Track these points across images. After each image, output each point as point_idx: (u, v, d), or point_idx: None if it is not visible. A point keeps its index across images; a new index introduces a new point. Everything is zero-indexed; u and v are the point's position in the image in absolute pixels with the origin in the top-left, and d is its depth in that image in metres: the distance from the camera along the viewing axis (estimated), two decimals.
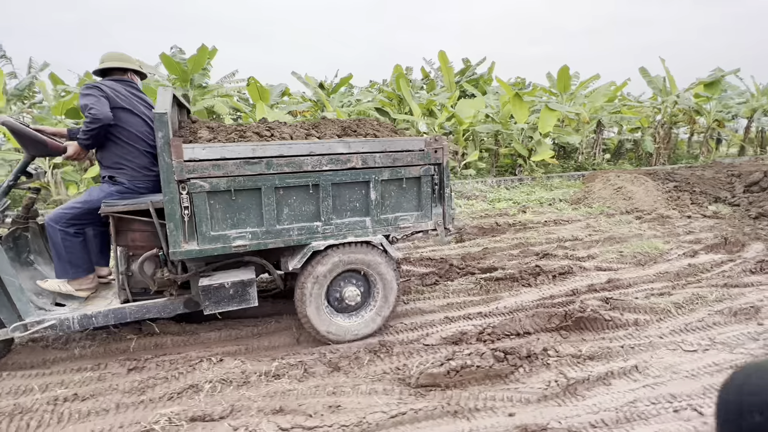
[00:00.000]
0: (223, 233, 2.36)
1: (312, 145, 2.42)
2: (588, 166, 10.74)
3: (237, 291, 2.41)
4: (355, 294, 2.67)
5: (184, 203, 2.25)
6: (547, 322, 2.63)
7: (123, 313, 2.45)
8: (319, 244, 2.50)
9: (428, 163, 2.65)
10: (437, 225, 2.75)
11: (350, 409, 1.90)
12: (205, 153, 2.24)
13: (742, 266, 3.57)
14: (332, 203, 2.51)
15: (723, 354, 2.29)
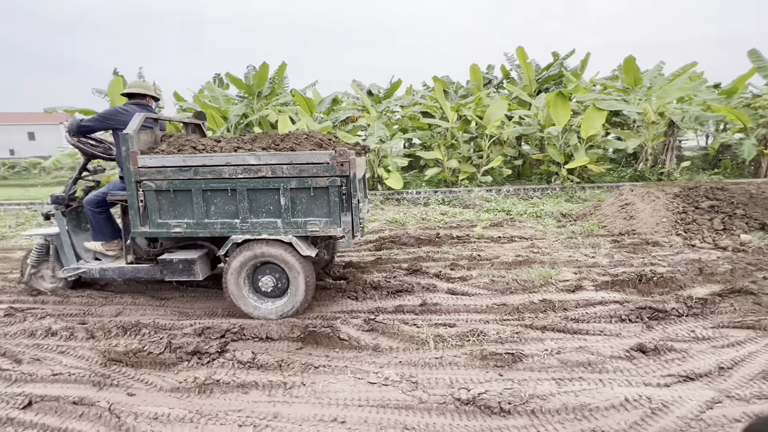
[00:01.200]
0: (165, 221, 3.09)
1: (228, 157, 2.95)
2: (650, 175, 9.01)
3: (185, 266, 3.12)
4: (269, 282, 3.13)
5: (140, 198, 3.03)
6: (290, 332, 2.77)
7: (123, 270, 3.43)
8: (237, 237, 3.05)
9: (334, 174, 2.90)
10: (345, 232, 3.00)
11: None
12: (151, 162, 2.98)
13: (615, 310, 2.99)
14: (248, 205, 3.00)
15: (393, 393, 2.17)
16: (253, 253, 3.05)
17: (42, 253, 3.75)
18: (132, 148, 2.95)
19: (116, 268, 3.43)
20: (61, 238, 3.57)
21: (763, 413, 1.90)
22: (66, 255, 3.56)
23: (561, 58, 16.21)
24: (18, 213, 9.03)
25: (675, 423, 1.85)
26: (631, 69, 9.83)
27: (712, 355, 2.44)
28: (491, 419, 1.95)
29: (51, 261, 3.70)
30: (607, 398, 2.04)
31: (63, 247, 3.58)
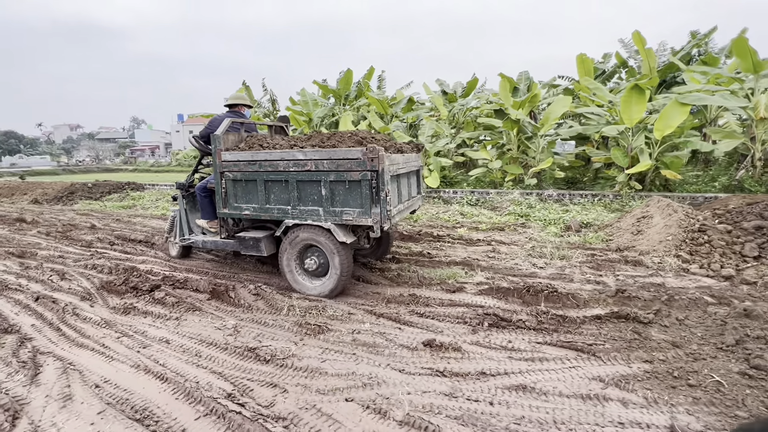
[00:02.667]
0: (239, 205, 3.75)
1: (283, 153, 3.48)
2: (753, 186, 7.16)
3: (253, 243, 3.75)
4: (312, 263, 3.61)
5: (223, 186, 3.77)
6: (206, 287, 3.73)
7: (217, 243, 4.15)
8: (289, 221, 3.57)
9: (366, 169, 3.17)
10: (375, 222, 3.26)
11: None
12: (230, 157, 3.70)
13: (465, 313, 3.13)
14: (297, 194, 3.48)
15: (216, 334, 2.90)
16: (301, 236, 3.56)
17: (172, 224, 4.89)
18: (219, 146, 3.71)
19: (212, 241, 4.20)
20: (180, 214, 4.61)
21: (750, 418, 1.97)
22: (183, 228, 4.56)
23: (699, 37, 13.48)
24: (162, 191, 12.39)
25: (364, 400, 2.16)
26: (745, 52, 7.85)
27: (491, 361, 2.48)
28: (255, 363, 2.55)
29: (174, 231, 4.76)
30: (340, 369, 2.43)
31: (181, 222, 4.59)
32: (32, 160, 45.49)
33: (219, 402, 2.11)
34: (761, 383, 2.16)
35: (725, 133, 7.78)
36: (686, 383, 2.22)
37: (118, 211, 9.36)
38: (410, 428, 1.91)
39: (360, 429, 1.92)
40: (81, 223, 7.47)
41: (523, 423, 1.92)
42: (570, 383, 2.25)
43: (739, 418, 1.94)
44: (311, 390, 2.24)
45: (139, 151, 60.90)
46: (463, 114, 12.75)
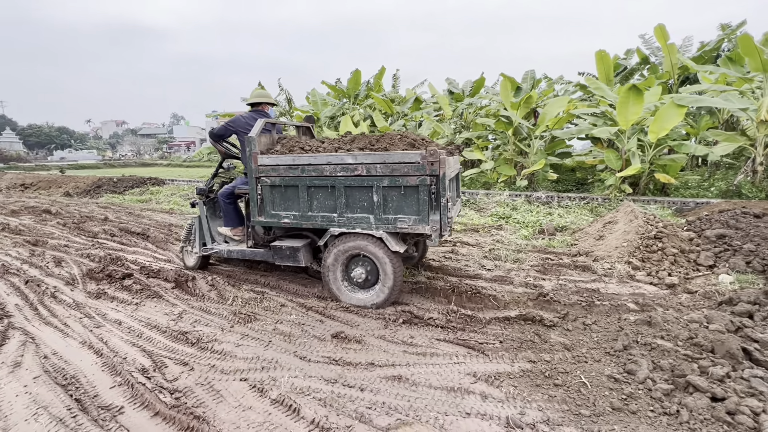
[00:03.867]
0: (277, 213, 3.52)
1: (329, 156, 3.26)
2: (751, 191, 6.86)
3: (290, 252, 3.54)
4: (360, 274, 3.41)
5: (258, 192, 3.51)
6: (173, 277, 4.14)
7: (244, 252, 3.97)
8: (335, 230, 3.36)
9: (424, 174, 3.00)
10: (433, 230, 3.09)
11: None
12: (268, 161, 3.44)
13: (386, 310, 3.36)
14: (345, 201, 3.27)
15: (162, 319, 3.28)
16: (348, 245, 3.35)
17: (189, 232, 4.55)
18: (254, 149, 3.45)
19: (239, 250, 4.00)
20: (200, 222, 4.33)
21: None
22: (205, 236, 4.30)
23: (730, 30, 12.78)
24: (180, 187, 13.22)
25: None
26: (752, 50, 7.46)
27: (385, 353, 2.71)
28: (182, 345, 2.90)
29: (191, 240, 4.47)
30: (249, 354, 2.75)
31: (201, 230, 4.32)
32: (80, 154, 49.07)
33: (133, 375, 2.47)
34: (622, 386, 2.27)
35: (725, 136, 7.46)
36: (553, 383, 2.36)
37: (135, 204, 10.16)
38: (279, 405, 2.19)
39: (238, 403, 2.22)
40: (97, 215, 8.22)
41: (375, 407, 2.15)
42: (444, 377, 2.45)
43: (581, 416, 2.08)
44: (216, 370, 2.56)
45: (176, 146, 64.12)
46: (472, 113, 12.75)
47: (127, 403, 2.23)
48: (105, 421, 2.09)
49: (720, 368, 2.24)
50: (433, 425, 2.02)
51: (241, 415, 2.13)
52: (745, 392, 2.08)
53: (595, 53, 12.05)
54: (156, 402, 2.21)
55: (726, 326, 2.69)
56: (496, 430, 1.98)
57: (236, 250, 4.05)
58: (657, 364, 2.40)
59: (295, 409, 2.14)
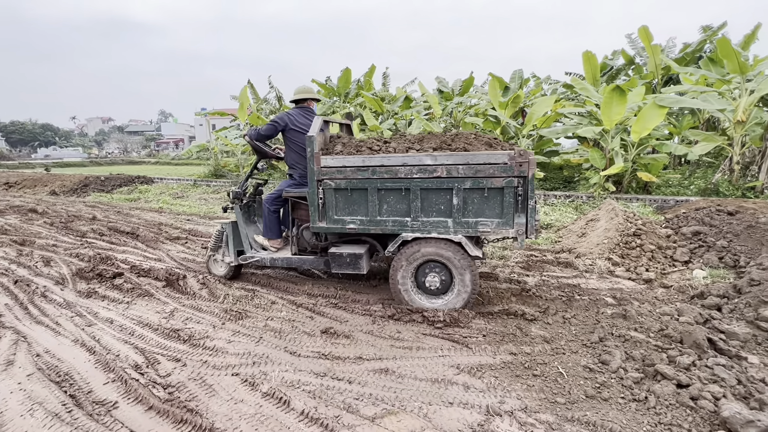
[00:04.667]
0: (341, 218, 3.30)
1: (405, 157, 3.08)
2: (729, 189, 7.10)
3: (351, 260, 3.33)
4: (435, 281, 3.24)
5: (320, 195, 3.27)
6: (163, 275, 4.18)
7: (291, 260, 3.78)
8: (407, 235, 3.17)
9: (512, 175, 2.90)
10: (518, 233, 2.99)
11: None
12: (333, 162, 3.21)
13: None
14: (420, 204, 3.11)
15: (154, 317, 3.33)
16: (422, 251, 3.19)
17: (218, 239, 4.19)
18: (316, 149, 3.25)
19: (284, 258, 3.78)
20: (238, 228, 4.03)
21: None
22: (243, 243, 4.00)
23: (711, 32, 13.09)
24: (168, 185, 13.13)
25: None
26: (730, 53, 7.71)
27: (373, 347, 2.81)
28: (174, 342, 2.97)
29: (223, 247, 4.14)
30: (240, 349, 2.83)
31: (237, 237, 4.02)
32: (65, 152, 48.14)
33: (126, 371, 2.53)
34: (596, 376, 2.40)
35: (704, 136, 7.70)
36: (532, 373, 2.49)
37: (123, 203, 10.09)
38: (269, 398, 2.27)
39: (230, 397, 2.30)
40: (85, 214, 8.16)
41: (363, 398, 2.25)
42: (429, 369, 2.56)
43: (557, 404, 2.21)
44: (208, 365, 2.63)
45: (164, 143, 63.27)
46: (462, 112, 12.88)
47: (121, 398, 2.29)
48: (100, 415, 2.15)
49: (686, 357, 2.39)
50: (417, 414, 2.12)
51: (233, 407, 2.21)
52: (708, 379, 2.22)
53: (582, 54, 12.26)
54: (149, 396, 2.27)
55: (695, 318, 2.85)
56: (476, 417, 2.09)
57: (280, 258, 3.81)
58: (629, 354, 2.54)
59: (285, 401, 2.23)
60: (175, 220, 7.63)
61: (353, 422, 2.06)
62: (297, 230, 3.82)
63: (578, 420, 2.06)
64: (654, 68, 12.65)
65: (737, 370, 2.30)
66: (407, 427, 2.02)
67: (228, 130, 16.27)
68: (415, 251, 3.21)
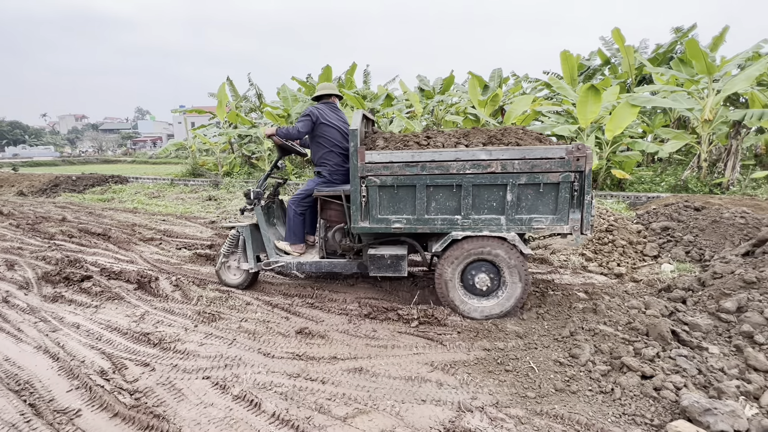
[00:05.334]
0: (386, 217, 3.12)
1: (458, 152, 2.96)
2: (697, 186, 7.37)
3: (392, 262, 3.18)
4: (484, 281, 3.12)
5: (363, 193, 3.08)
6: (134, 278, 4.06)
7: (320, 265, 3.53)
8: (457, 234, 3.04)
9: (568, 170, 2.83)
10: (573, 229, 2.93)
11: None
12: (379, 157, 3.03)
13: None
14: (471, 201, 2.99)
15: (123, 321, 3.24)
16: (471, 250, 3.06)
17: (233, 244, 3.84)
18: (359, 144, 3.04)
19: (313, 262, 3.52)
20: (256, 231, 3.72)
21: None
22: (267, 247, 3.68)
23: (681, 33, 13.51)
24: (144, 185, 12.77)
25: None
26: (698, 54, 7.98)
27: (347, 347, 2.81)
28: (143, 346, 2.88)
29: (239, 253, 3.79)
30: (212, 352, 2.77)
31: (257, 241, 3.72)
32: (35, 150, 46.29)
33: (91, 377, 2.45)
34: (566, 369, 2.45)
35: (675, 134, 7.96)
36: (504, 369, 2.52)
37: (95, 204, 9.76)
38: (240, 400, 2.24)
39: (199, 401, 2.25)
40: (54, 215, 7.86)
41: (335, 398, 2.24)
42: (404, 367, 2.56)
43: (527, 398, 2.24)
44: (178, 369, 2.57)
45: (141, 142, 61.55)
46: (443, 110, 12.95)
47: (85, 406, 2.21)
48: (61, 424, 2.07)
49: (651, 349, 2.46)
50: (389, 412, 2.12)
51: (202, 411, 2.16)
52: (670, 370, 2.30)
53: (560, 54, 12.48)
54: (115, 403, 2.21)
55: (661, 311, 2.94)
56: (447, 414, 2.11)
57: (308, 262, 3.53)
58: (598, 347, 2.60)
59: (256, 403, 2.19)
60: (150, 220, 7.42)
61: (324, 423, 2.04)
62: (325, 232, 3.57)
63: (547, 413, 2.10)
64: (628, 68, 13.01)
65: (698, 360, 2.39)
66: (378, 426, 2.02)
67: (206, 128, 15.94)
68: (465, 251, 3.07)
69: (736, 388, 2.10)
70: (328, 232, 3.59)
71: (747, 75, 6.94)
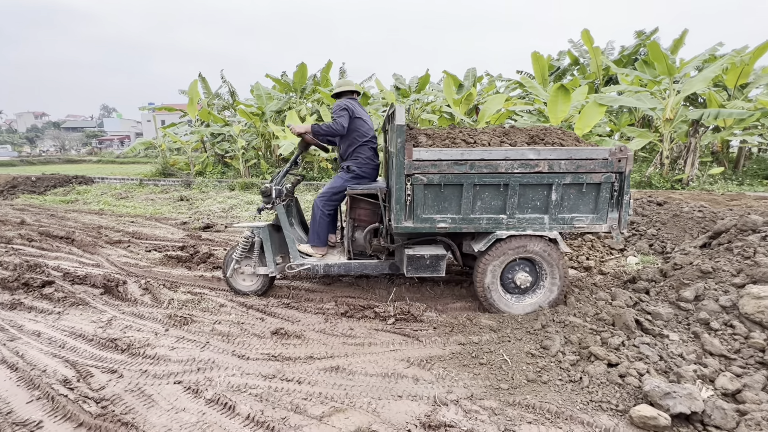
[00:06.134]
0: (430, 216, 3.06)
1: (507, 151, 2.95)
2: (660, 182, 7.72)
3: (432, 262, 3.14)
4: (525, 279, 3.18)
5: (408, 191, 2.98)
6: (100, 282, 3.90)
7: (350, 266, 3.41)
8: (502, 233, 3.05)
9: (610, 171, 2.91)
10: (612, 228, 3.02)
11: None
12: (427, 155, 2.94)
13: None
14: (517, 200, 3.00)
15: (89, 327, 3.10)
16: (515, 248, 3.10)
17: (247, 247, 3.56)
18: (404, 140, 2.94)
19: (342, 264, 3.43)
20: (275, 232, 3.55)
21: None
22: (290, 249, 3.48)
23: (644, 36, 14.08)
24: (111, 185, 12.26)
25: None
26: (659, 56, 8.37)
27: (324, 346, 2.80)
28: (111, 353, 2.78)
29: (255, 257, 3.55)
30: (184, 356, 2.70)
31: (276, 243, 3.54)
32: None
33: (53, 387, 2.34)
34: (537, 361, 2.53)
35: (639, 132, 8.31)
36: (479, 362, 2.58)
37: (58, 205, 9.28)
38: (214, 404, 2.19)
39: (171, 406, 2.19)
40: (12, 218, 7.43)
41: (312, 398, 2.23)
42: (380, 364, 2.58)
43: (501, 390, 2.30)
44: (148, 375, 2.49)
45: (107, 140, 58.97)
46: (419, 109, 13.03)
47: (47, 417, 2.11)
48: None
49: (617, 338, 2.57)
50: (366, 409, 2.13)
51: (173, 417, 2.10)
52: (634, 357, 2.41)
53: (531, 54, 12.78)
54: (79, 413, 2.11)
55: (626, 302, 3.07)
56: (423, 408, 2.14)
57: (337, 264, 3.42)
58: (568, 338, 2.70)
59: (230, 406, 2.15)
60: (117, 222, 7.14)
61: (300, 423, 2.03)
62: (353, 232, 3.45)
63: (519, 404, 2.16)
64: (596, 69, 13.48)
65: (660, 347, 2.51)
66: (355, 424, 2.02)
67: (177, 126, 15.44)
68: (508, 249, 3.09)
69: (694, 372, 2.23)
70: (356, 231, 3.46)
71: (704, 76, 7.32)
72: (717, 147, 9.71)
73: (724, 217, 4.47)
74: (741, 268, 2.92)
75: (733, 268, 2.95)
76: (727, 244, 3.40)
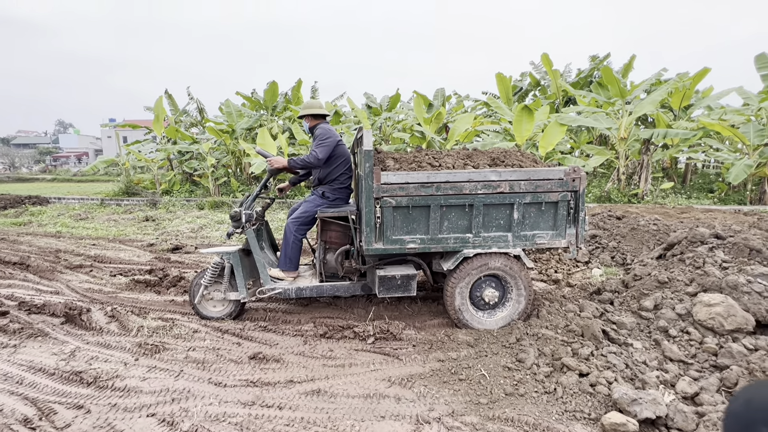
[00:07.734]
0: (400, 238, 3.15)
1: (471, 173, 3.09)
2: (617, 197, 8.22)
3: (403, 282, 3.22)
4: (493, 294, 3.30)
5: (377, 214, 3.07)
6: (61, 310, 3.69)
7: (322, 289, 3.44)
8: (469, 251, 3.18)
9: (566, 190, 3.11)
10: (570, 243, 3.22)
11: None
12: (395, 178, 3.05)
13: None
14: (482, 220, 3.14)
15: (50, 360, 2.91)
16: (481, 266, 3.22)
17: (216, 273, 3.50)
18: (372, 165, 3.04)
19: (314, 287, 3.44)
20: (245, 257, 3.53)
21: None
22: (261, 273, 3.47)
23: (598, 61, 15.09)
24: (69, 205, 11.63)
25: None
26: (612, 79, 9.03)
27: (304, 369, 2.77)
28: (75, 387, 2.63)
29: (225, 282, 3.50)
30: (157, 386, 2.59)
31: (247, 267, 3.52)
32: None
33: (12, 428, 2.18)
34: (514, 374, 2.62)
35: (597, 150, 8.87)
36: (458, 378, 2.63)
37: (9, 228, 8.69)
38: None
39: None
40: None
41: (293, 423, 2.20)
42: (362, 385, 2.58)
43: (480, 405, 2.36)
44: (118, 408, 2.37)
45: (63, 157, 55.92)
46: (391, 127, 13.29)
47: None
48: None
49: (586, 348, 2.71)
50: None
51: None
52: (603, 366, 2.54)
53: (495, 75, 13.42)
54: None
55: (593, 313, 3.24)
56: (407, 428, 2.16)
57: (309, 287, 3.43)
58: (541, 350, 2.81)
59: None
60: (77, 245, 6.76)
61: None
62: (324, 254, 3.48)
63: (499, 417, 2.22)
64: (556, 90, 14.29)
65: (625, 355, 2.67)
66: None
67: (142, 143, 14.93)
68: (474, 268, 3.21)
69: (657, 378, 2.38)
70: (328, 254, 3.50)
71: (652, 99, 7.96)
72: (666, 163, 10.48)
73: (676, 229, 4.83)
74: (693, 277, 3.17)
75: (686, 278, 3.20)
76: (679, 255, 3.68)
